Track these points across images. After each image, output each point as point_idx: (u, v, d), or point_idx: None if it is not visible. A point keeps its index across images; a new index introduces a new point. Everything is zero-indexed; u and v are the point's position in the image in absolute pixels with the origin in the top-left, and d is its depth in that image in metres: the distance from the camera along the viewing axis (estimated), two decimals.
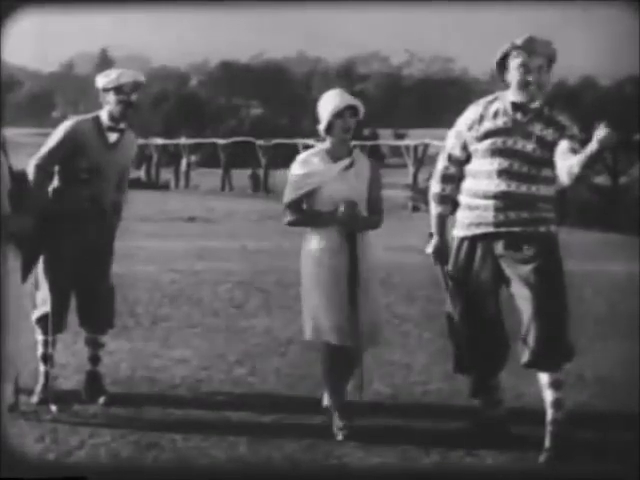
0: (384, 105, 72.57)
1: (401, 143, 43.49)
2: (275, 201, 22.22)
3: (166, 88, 66.69)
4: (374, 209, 5.03)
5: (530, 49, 4.61)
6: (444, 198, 4.91)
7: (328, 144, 5.01)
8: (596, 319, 8.02)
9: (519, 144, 4.65)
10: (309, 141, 31.52)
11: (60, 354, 5.65)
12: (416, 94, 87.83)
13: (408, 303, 8.85)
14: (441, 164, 4.92)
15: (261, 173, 40.35)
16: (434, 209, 4.95)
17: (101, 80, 5.42)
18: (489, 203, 4.68)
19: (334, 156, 4.99)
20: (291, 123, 64.07)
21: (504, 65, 4.71)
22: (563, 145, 4.56)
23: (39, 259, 5.35)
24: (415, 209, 28.71)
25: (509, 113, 4.70)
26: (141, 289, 9.29)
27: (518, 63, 4.63)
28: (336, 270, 4.90)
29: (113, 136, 5.45)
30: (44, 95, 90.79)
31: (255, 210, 23.46)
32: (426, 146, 35.72)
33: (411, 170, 35.22)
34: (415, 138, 41.61)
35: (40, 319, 5.39)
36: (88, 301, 5.47)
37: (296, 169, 5.00)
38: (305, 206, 5.01)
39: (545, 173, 4.65)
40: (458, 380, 5.34)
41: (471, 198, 4.76)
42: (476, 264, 4.78)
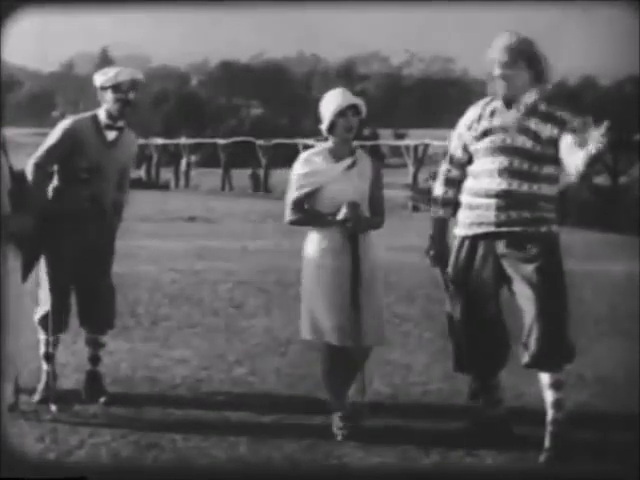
0: (384, 105, 72.46)
1: (401, 143, 43.43)
2: (275, 201, 22.29)
3: (166, 88, 66.71)
4: (376, 209, 5.02)
5: (501, 45, 4.62)
6: (446, 201, 4.91)
7: (331, 143, 4.99)
8: (596, 319, 8.02)
9: (518, 141, 4.65)
10: (309, 141, 31.51)
11: (60, 354, 5.65)
12: (416, 94, 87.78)
13: (408, 303, 8.85)
14: (444, 167, 4.93)
15: (261, 173, 40.33)
16: (435, 212, 4.95)
17: (99, 78, 5.41)
18: (491, 202, 4.67)
19: (336, 155, 4.97)
20: (291, 123, 64.02)
21: None
22: (568, 140, 4.55)
23: (39, 259, 5.35)
24: (415, 209, 28.68)
25: (504, 110, 4.71)
26: (141, 289, 9.29)
27: (490, 58, 4.66)
28: (338, 271, 4.88)
29: (111, 134, 5.44)
30: (44, 95, 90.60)
31: (255, 210, 23.44)
32: (426, 146, 35.73)
33: (411, 170, 35.19)
34: (415, 138, 41.58)
35: (42, 318, 5.40)
36: (88, 301, 5.47)
37: (299, 168, 4.98)
38: (307, 206, 4.99)
39: (546, 171, 4.65)
40: (458, 380, 5.34)
41: (472, 197, 4.75)
42: (477, 263, 4.78)
